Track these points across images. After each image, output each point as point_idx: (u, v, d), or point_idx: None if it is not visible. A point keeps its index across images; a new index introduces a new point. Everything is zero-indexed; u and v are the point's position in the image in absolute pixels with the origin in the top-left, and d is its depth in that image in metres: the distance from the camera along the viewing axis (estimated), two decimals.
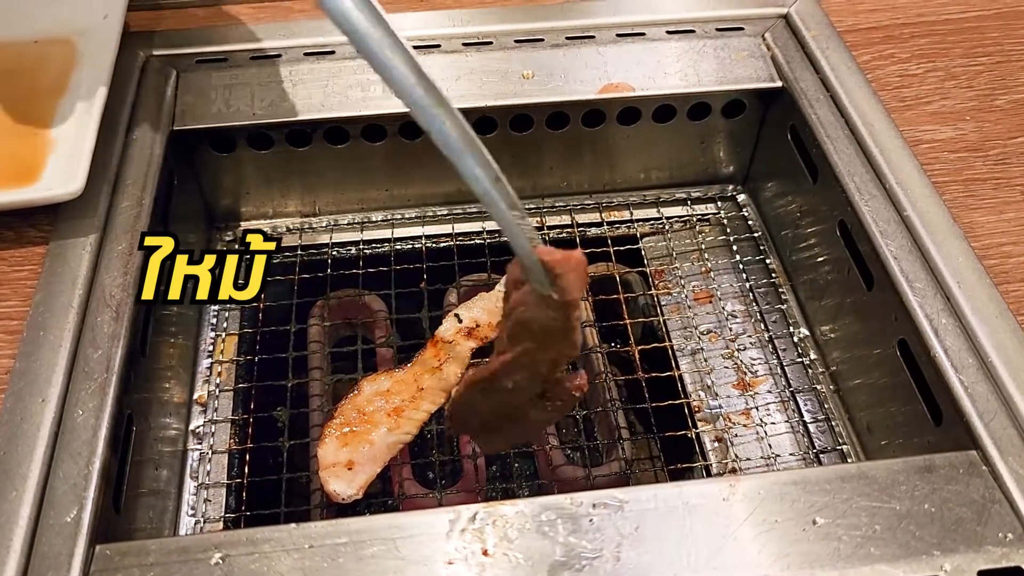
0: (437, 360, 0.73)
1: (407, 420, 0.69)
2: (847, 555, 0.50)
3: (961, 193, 0.70)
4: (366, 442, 0.68)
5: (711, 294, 0.83)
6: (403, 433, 0.69)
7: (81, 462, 0.54)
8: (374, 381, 0.71)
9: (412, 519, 0.52)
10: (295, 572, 0.49)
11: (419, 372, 0.72)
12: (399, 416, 0.69)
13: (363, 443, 0.68)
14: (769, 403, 0.76)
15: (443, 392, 0.71)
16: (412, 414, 0.69)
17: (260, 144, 0.80)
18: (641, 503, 0.52)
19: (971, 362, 0.59)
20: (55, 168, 0.67)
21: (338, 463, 0.66)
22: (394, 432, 0.69)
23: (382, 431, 0.68)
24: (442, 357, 0.73)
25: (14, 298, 0.62)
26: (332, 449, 0.67)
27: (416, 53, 0.38)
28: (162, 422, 0.68)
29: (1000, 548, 0.51)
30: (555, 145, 0.84)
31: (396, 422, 0.69)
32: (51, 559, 0.49)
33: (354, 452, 0.67)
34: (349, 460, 0.67)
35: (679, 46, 0.82)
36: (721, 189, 0.91)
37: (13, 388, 0.57)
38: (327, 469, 0.66)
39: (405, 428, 0.69)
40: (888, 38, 0.83)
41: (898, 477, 0.54)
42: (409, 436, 0.69)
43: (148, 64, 0.79)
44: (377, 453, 0.68)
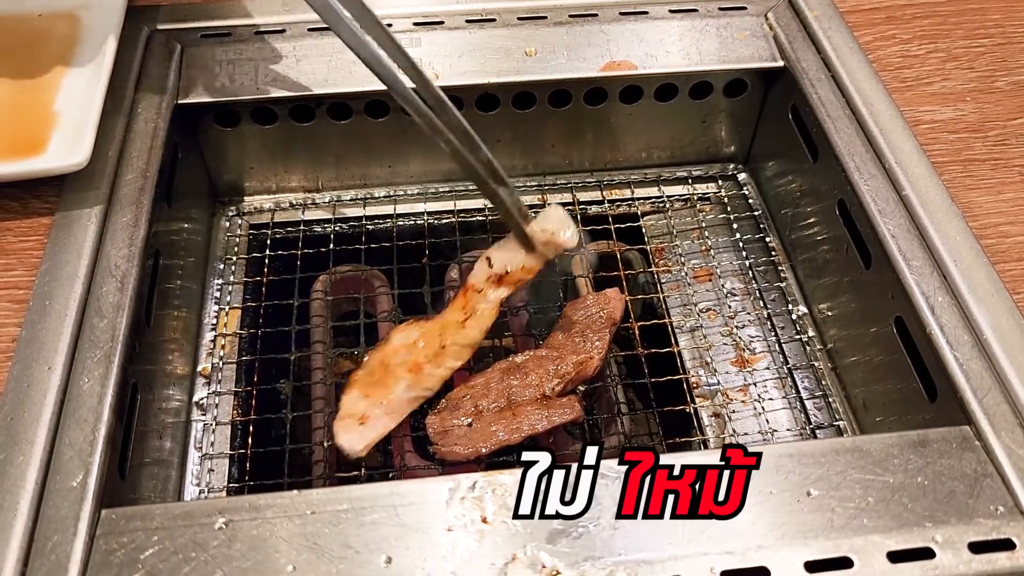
0: (463, 313, 0.70)
1: (427, 376, 0.68)
2: (840, 526, 0.51)
3: (960, 173, 0.70)
4: (384, 397, 0.67)
5: (711, 272, 0.84)
6: (423, 389, 0.68)
7: (87, 428, 0.54)
8: (403, 332, 0.70)
9: (412, 487, 0.53)
10: (297, 537, 0.50)
11: (445, 325, 0.70)
12: (419, 372, 0.68)
13: (382, 396, 0.67)
14: (767, 380, 0.77)
15: (467, 349, 0.69)
16: (432, 371, 0.68)
17: (264, 119, 0.81)
18: None
19: (966, 339, 0.60)
20: (60, 140, 0.67)
21: (353, 415, 0.66)
22: (413, 388, 0.68)
23: (402, 386, 0.68)
24: (468, 311, 0.70)
25: (20, 268, 0.63)
26: (353, 398, 0.67)
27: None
28: (166, 393, 0.69)
29: (991, 520, 0.51)
30: (557, 123, 0.85)
31: (416, 378, 0.68)
32: (57, 522, 0.50)
33: (372, 406, 0.67)
34: (363, 414, 0.66)
35: (681, 25, 0.82)
36: (722, 168, 0.92)
37: (20, 356, 0.57)
38: (342, 420, 0.67)
39: (425, 384, 0.68)
40: (890, 19, 0.83)
41: (892, 451, 0.54)
42: (429, 393, 0.69)
43: (152, 38, 0.79)
44: (394, 407, 0.67)
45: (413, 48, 0.79)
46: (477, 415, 0.68)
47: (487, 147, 0.70)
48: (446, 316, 0.70)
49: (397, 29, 0.81)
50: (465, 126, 0.64)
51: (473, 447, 0.66)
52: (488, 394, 0.70)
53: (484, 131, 0.83)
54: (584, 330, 0.73)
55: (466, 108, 0.81)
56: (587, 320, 0.73)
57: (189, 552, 0.49)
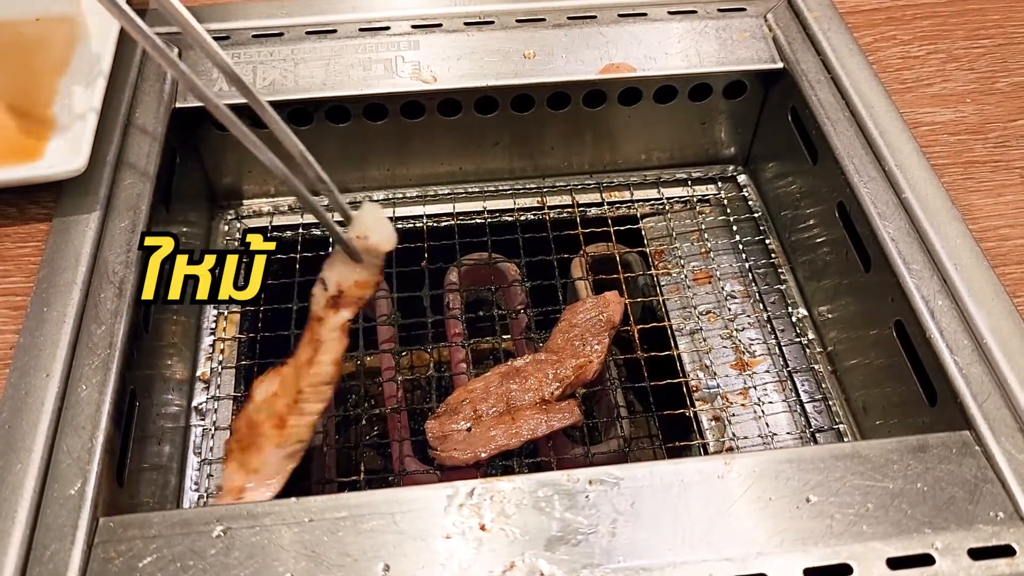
0: (312, 348, 0.62)
1: (293, 429, 0.62)
2: (840, 532, 0.51)
3: (960, 176, 0.70)
4: (259, 462, 0.62)
5: (710, 274, 0.84)
6: (295, 443, 0.62)
7: (85, 436, 0.54)
8: (264, 383, 0.64)
9: (411, 494, 0.53)
10: (295, 545, 0.50)
11: (298, 366, 0.63)
12: (284, 427, 0.62)
13: (256, 462, 0.62)
14: (766, 383, 0.77)
15: (325, 387, 0.62)
16: (297, 420, 0.62)
17: (262, 123, 0.80)
18: (637, 480, 0.53)
19: (966, 343, 0.60)
20: (58, 145, 0.67)
21: (232, 491, 0.61)
22: (284, 446, 0.62)
23: (271, 446, 0.62)
24: (315, 344, 0.62)
25: (18, 274, 0.63)
26: (232, 471, 0.62)
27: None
28: (165, 398, 0.69)
29: (991, 527, 0.51)
30: (556, 125, 0.84)
31: (282, 434, 0.62)
32: (55, 530, 0.50)
33: (250, 474, 0.61)
34: (241, 487, 0.61)
35: (681, 26, 0.82)
36: (722, 170, 0.91)
37: (18, 363, 0.57)
38: (222, 499, 0.61)
39: (295, 438, 0.62)
40: (890, 19, 0.83)
41: (891, 456, 0.54)
42: (302, 445, 0.62)
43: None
44: (270, 472, 0.61)
45: (411, 51, 0.79)
46: (476, 420, 0.68)
47: (484, 150, 0.71)
48: (297, 356, 0.63)
49: (395, 32, 0.81)
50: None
51: (472, 452, 0.66)
52: (487, 398, 0.69)
53: (482, 134, 0.84)
54: (583, 333, 0.72)
55: (464, 111, 0.81)
56: (586, 323, 0.73)
57: (187, 560, 0.49)
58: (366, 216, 0.61)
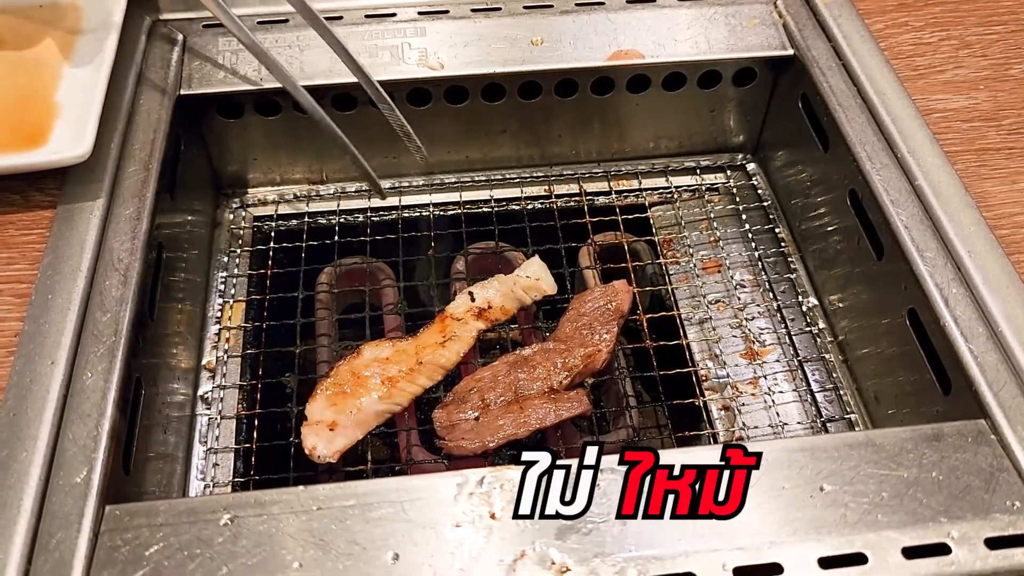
0: (442, 336, 0.72)
1: (400, 391, 0.68)
2: (854, 522, 0.50)
3: (973, 163, 0.69)
4: (354, 406, 0.67)
5: (720, 263, 0.83)
6: (393, 403, 0.68)
7: (90, 424, 0.54)
8: (376, 347, 0.71)
9: (420, 482, 0.53)
10: (303, 533, 0.50)
11: (422, 345, 0.71)
12: (393, 386, 0.68)
13: (351, 407, 0.67)
14: (777, 372, 0.76)
15: (441, 369, 0.71)
16: (405, 386, 0.69)
17: (267, 110, 0.80)
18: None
19: (981, 332, 0.59)
20: (62, 132, 0.66)
21: (322, 421, 0.66)
22: (384, 401, 0.68)
23: (372, 397, 0.68)
24: (447, 334, 0.72)
25: (22, 261, 0.62)
26: (319, 407, 0.67)
27: None
28: (170, 387, 0.69)
29: (1007, 516, 0.51)
30: (564, 113, 0.84)
31: (388, 391, 0.68)
32: (61, 519, 0.50)
33: (340, 414, 0.67)
34: (333, 421, 0.66)
35: (690, 13, 0.81)
36: (731, 158, 0.91)
37: (23, 350, 0.57)
38: (311, 426, 0.66)
39: (396, 399, 0.68)
40: (902, 6, 0.82)
41: (906, 445, 0.54)
42: (399, 407, 0.69)
43: (155, 28, 0.79)
44: (363, 419, 0.67)
45: (418, 38, 0.78)
46: (484, 409, 0.68)
47: (491, 137, 0.70)
48: (422, 338, 0.72)
49: (401, 19, 0.80)
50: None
51: (480, 441, 0.66)
52: (495, 387, 0.69)
53: (490, 121, 0.83)
54: (592, 322, 0.72)
55: (471, 98, 0.81)
56: (595, 312, 0.73)
57: (194, 549, 0.49)
58: (535, 264, 0.77)
